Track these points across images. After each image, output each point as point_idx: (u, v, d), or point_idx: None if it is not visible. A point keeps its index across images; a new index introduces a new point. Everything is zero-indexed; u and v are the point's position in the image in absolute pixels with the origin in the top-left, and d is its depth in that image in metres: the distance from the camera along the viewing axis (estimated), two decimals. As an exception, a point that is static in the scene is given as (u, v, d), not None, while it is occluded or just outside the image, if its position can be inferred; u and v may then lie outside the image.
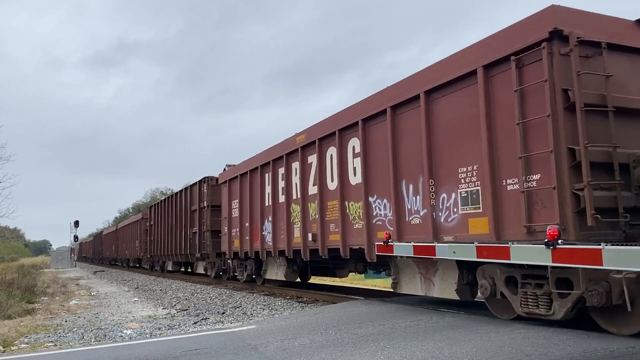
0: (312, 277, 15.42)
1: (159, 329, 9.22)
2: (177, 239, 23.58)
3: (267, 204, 13.83)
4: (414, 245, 7.90)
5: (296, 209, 12.25)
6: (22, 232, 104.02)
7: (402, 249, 8.19)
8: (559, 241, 5.49)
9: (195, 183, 21.26)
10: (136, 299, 15.84)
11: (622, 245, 5.14)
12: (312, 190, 11.54)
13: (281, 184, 13.08)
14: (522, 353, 5.03)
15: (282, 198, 13.01)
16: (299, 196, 12.11)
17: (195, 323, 9.73)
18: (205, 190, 19.75)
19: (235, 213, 15.95)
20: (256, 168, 14.46)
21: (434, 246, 7.40)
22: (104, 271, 38.30)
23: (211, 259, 19.11)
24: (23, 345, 8.15)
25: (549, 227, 5.59)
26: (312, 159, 11.59)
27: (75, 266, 50.06)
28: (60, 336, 8.86)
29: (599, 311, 5.71)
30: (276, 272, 14.25)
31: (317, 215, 11.22)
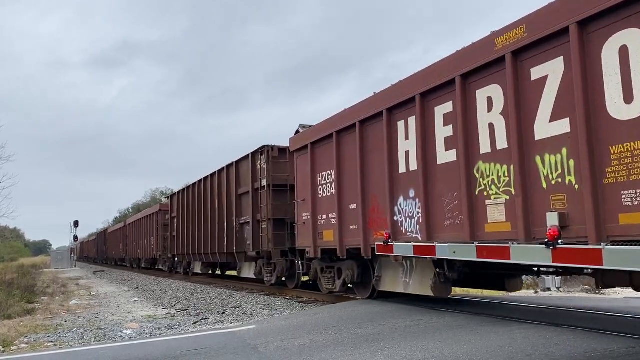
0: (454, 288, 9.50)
1: (159, 329, 9.22)
2: (215, 234, 18.06)
3: (403, 170, 8.47)
4: (414, 246, 7.88)
5: (493, 170, 6.75)
6: (22, 232, 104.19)
7: (402, 249, 8.17)
8: (559, 241, 5.48)
9: (246, 156, 15.15)
10: (136, 299, 15.83)
11: (623, 245, 5.12)
12: (548, 130, 6.01)
13: (443, 131, 7.62)
14: (522, 353, 5.02)
15: (446, 156, 7.56)
16: (502, 146, 6.62)
17: (195, 323, 9.73)
18: (263, 166, 13.89)
19: (327, 190, 10.78)
20: (376, 115, 9.08)
21: (434, 246, 7.38)
22: (104, 271, 38.28)
23: (274, 259, 13.68)
24: (23, 345, 8.15)
25: (549, 227, 5.58)
26: (547, 69, 6.04)
27: (75, 266, 50.05)
28: (60, 336, 8.85)
29: None
30: (404, 282, 9.14)
31: (570, 178, 5.75)
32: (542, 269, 7.74)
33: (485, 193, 6.90)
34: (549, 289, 12.66)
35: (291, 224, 12.93)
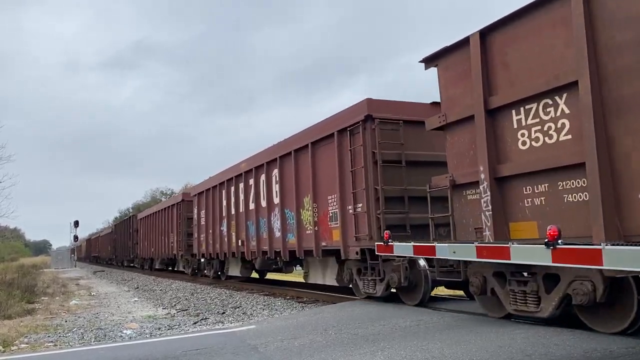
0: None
1: (159, 329, 9.22)
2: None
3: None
4: (414, 246, 7.89)
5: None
6: (22, 232, 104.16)
7: (402, 249, 8.18)
8: (559, 241, 5.48)
9: None
10: (136, 299, 15.84)
11: (623, 245, 5.12)
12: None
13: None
14: (522, 353, 5.03)
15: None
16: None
17: (195, 323, 9.73)
18: None
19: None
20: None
21: (433, 246, 7.38)
22: (104, 271, 38.23)
23: None
24: (23, 345, 8.15)
25: (549, 227, 5.58)
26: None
27: (76, 266, 50.06)
28: (60, 336, 8.85)
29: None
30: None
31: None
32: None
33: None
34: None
35: None
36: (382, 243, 8.64)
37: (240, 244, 15.56)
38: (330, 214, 10.65)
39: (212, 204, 18.25)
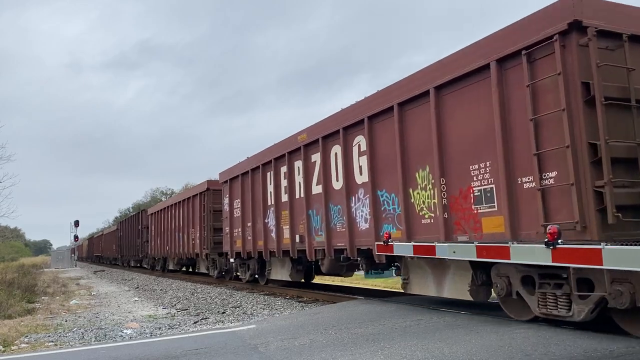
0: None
1: (159, 328, 9.23)
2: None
3: None
4: (414, 245, 7.89)
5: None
6: (22, 232, 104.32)
7: (402, 248, 8.18)
8: (559, 241, 5.48)
9: None
10: (136, 298, 15.84)
11: (622, 245, 5.13)
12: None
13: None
14: (522, 352, 5.03)
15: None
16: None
17: (195, 323, 9.74)
18: None
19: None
20: None
21: (434, 246, 7.38)
22: (104, 271, 38.24)
23: None
24: (23, 345, 8.16)
25: (549, 227, 5.58)
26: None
27: (76, 266, 50.07)
28: (60, 336, 8.86)
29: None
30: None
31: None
32: None
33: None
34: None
35: None
36: (382, 243, 8.63)
37: (298, 239, 12.12)
38: (476, 193, 7.18)
39: (251, 190, 14.69)
